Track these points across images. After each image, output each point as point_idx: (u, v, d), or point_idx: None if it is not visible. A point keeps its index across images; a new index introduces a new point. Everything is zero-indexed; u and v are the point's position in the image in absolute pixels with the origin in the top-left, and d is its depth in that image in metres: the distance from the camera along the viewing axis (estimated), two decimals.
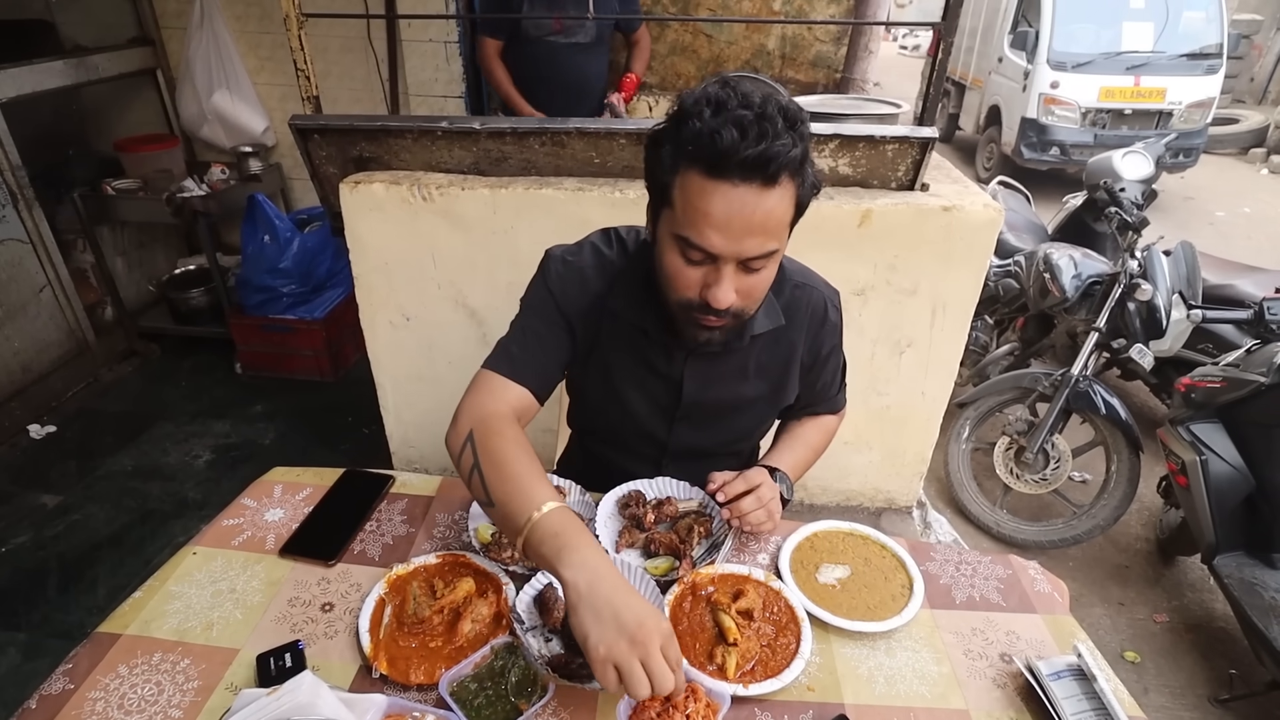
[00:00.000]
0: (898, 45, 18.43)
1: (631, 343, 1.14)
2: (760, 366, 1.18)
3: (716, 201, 0.87)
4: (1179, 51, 6.31)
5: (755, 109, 0.85)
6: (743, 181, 0.86)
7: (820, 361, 1.24)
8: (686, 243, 0.91)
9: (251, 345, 3.21)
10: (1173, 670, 2.11)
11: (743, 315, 1.00)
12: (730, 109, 0.85)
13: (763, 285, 0.97)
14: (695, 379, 1.16)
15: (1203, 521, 2.04)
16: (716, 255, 0.90)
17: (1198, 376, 2.18)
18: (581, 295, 1.12)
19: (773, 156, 0.84)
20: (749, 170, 0.85)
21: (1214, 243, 5.36)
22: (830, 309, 1.20)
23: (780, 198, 0.89)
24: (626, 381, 1.17)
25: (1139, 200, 2.63)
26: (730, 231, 0.88)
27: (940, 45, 1.83)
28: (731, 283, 0.92)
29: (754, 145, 0.84)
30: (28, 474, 2.64)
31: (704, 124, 0.85)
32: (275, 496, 1.23)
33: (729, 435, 1.26)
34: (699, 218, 0.89)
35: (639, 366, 1.16)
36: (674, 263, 0.95)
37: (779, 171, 0.86)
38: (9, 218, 2.77)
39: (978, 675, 0.96)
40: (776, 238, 0.92)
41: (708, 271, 0.93)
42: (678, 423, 1.21)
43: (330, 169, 2.03)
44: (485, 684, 0.89)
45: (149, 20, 3.41)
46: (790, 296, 1.16)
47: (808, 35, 3.61)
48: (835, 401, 1.35)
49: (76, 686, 0.88)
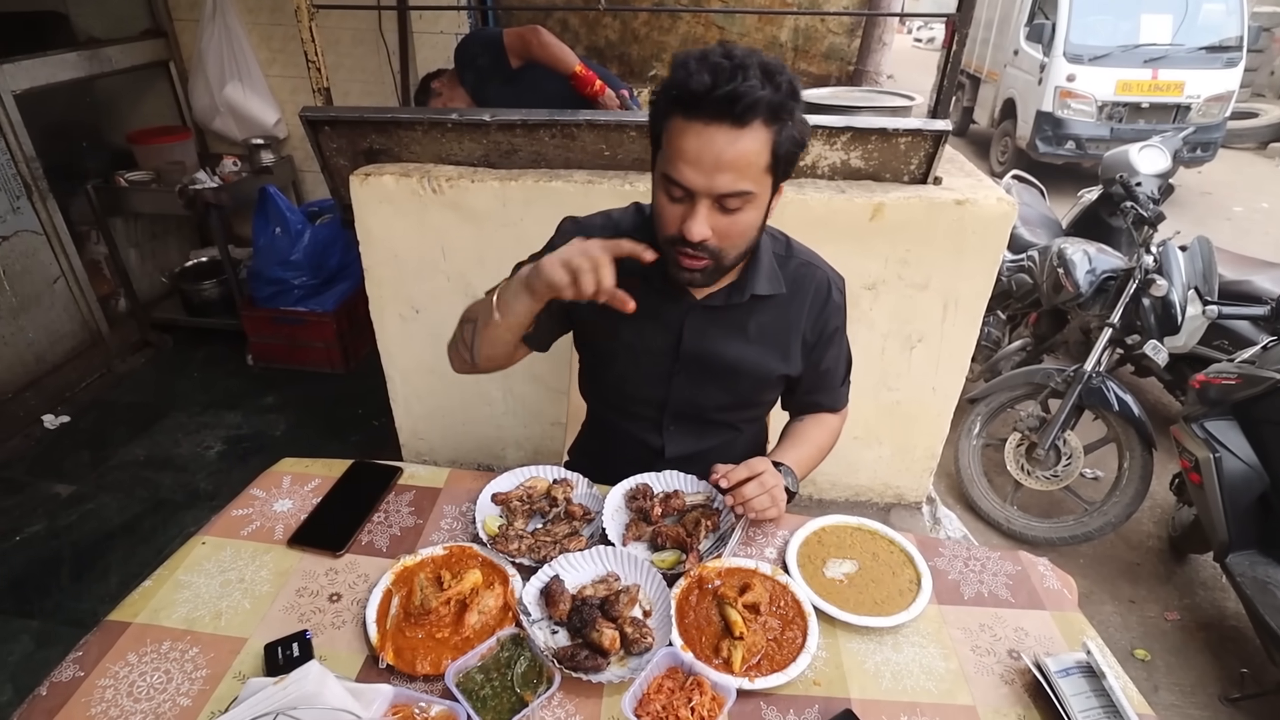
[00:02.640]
0: (912, 38, 18.27)
1: (639, 295, 1.14)
2: (760, 330, 1.21)
3: (690, 139, 0.95)
4: (1198, 44, 6.22)
5: (734, 59, 0.92)
6: (714, 120, 0.93)
7: (823, 341, 1.26)
8: (668, 180, 0.99)
9: (263, 337, 3.23)
10: (1183, 668, 2.09)
11: (720, 258, 1.04)
12: (711, 59, 0.93)
13: (740, 228, 1.02)
14: (695, 330, 1.19)
15: (1216, 519, 2.02)
16: (692, 190, 0.97)
17: (1213, 373, 2.16)
18: None
19: (741, 95, 0.90)
20: (719, 109, 0.92)
21: (1231, 238, 5.29)
22: (834, 290, 1.24)
23: (753, 140, 0.94)
24: (634, 333, 1.21)
25: (1155, 195, 2.60)
26: (701, 167, 0.95)
27: (954, 37, 1.81)
28: (705, 219, 0.98)
29: (724, 86, 0.90)
30: (42, 464, 2.67)
31: (683, 72, 0.93)
32: (284, 487, 1.23)
33: (728, 398, 1.27)
34: (676, 155, 0.96)
35: (645, 318, 1.17)
36: (660, 201, 1.03)
37: (747, 112, 0.92)
38: (23, 209, 2.80)
39: (985, 671, 0.95)
40: (749, 179, 0.96)
41: (686, 208, 1.00)
42: (677, 375, 1.23)
43: (341, 161, 2.03)
44: (491, 675, 0.89)
45: (162, 12, 3.42)
46: (795, 271, 1.21)
47: (820, 27, 3.58)
48: (837, 396, 1.35)
49: (86, 674, 0.89)
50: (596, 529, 1.13)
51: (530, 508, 1.17)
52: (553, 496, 1.19)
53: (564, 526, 1.13)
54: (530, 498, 1.19)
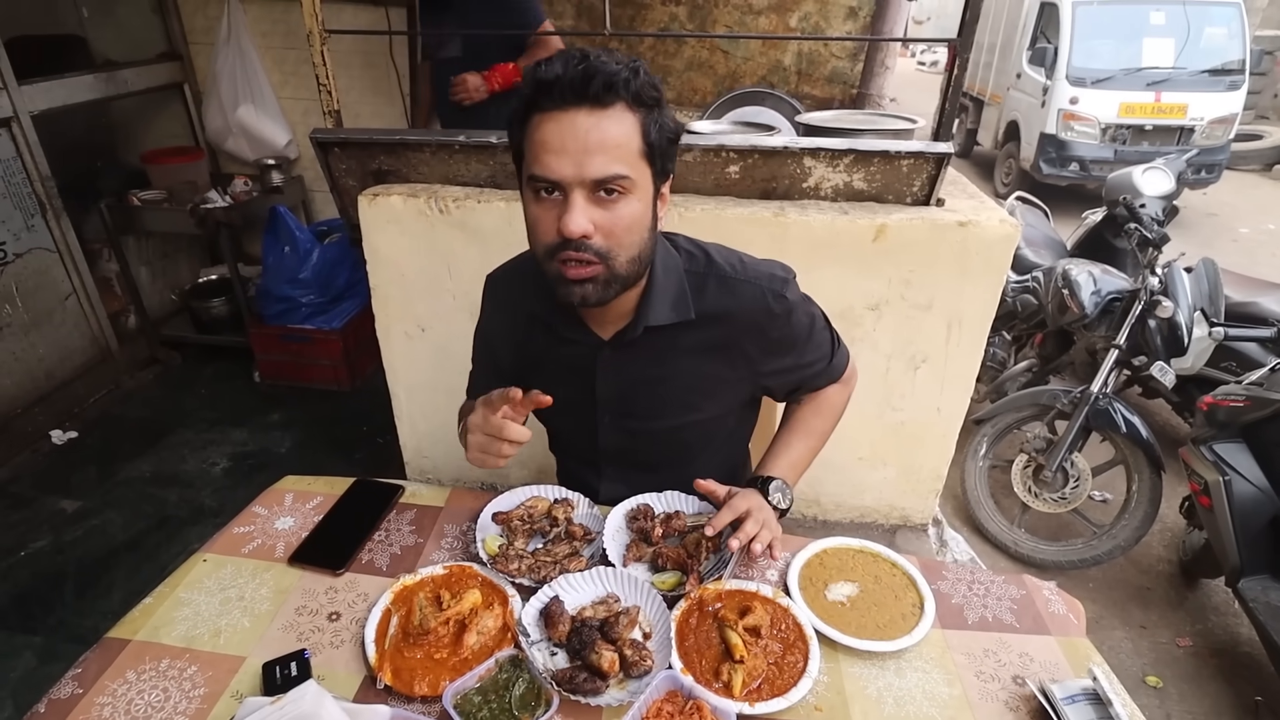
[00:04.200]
0: (915, 61, 18.44)
1: (548, 342, 1.16)
2: (680, 366, 1.13)
3: (550, 128, 0.89)
4: (1200, 67, 6.25)
5: (589, 51, 0.89)
6: (572, 104, 0.88)
7: (787, 354, 1.17)
8: (535, 180, 0.92)
9: (270, 354, 3.25)
10: (1196, 696, 2.06)
11: (611, 260, 0.94)
12: (562, 55, 0.90)
13: (625, 224, 0.93)
14: (608, 373, 1.14)
15: (1227, 543, 2.00)
16: (561, 182, 0.90)
17: (1220, 395, 2.14)
18: (496, 304, 1.24)
19: (595, 72, 0.87)
20: (575, 91, 0.88)
21: (1237, 259, 5.28)
22: (770, 298, 1.10)
23: (618, 121, 0.90)
24: (550, 381, 1.11)
25: (1159, 216, 2.60)
26: (566, 153, 0.89)
27: (956, 61, 1.83)
28: (583, 212, 0.91)
29: (576, 68, 0.87)
30: (49, 479, 2.68)
31: (535, 70, 0.90)
32: (286, 505, 1.23)
33: (665, 444, 1.22)
34: (539, 149, 0.91)
35: (558, 365, 1.17)
36: (533, 213, 0.96)
37: (604, 91, 0.88)
38: (37, 227, 2.84)
39: (989, 698, 0.94)
40: (623, 161, 0.90)
41: (560, 206, 0.92)
42: (601, 421, 1.20)
43: (350, 181, 2.05)
44: (489, 697, 0.89)
45: (177, 36, 3.49)
46: (715, 297, 1.09)
47: (824, 51, 3.62)
48: (832, 370, 1.26)
49: (85, 691, 0.89)
50: (597, 549, 1.13)
51: (531, 527, 1.17)
52: (554, 516, 1.18)
53: (564, 547, 1.13)
54: (531, 517, 1.18)
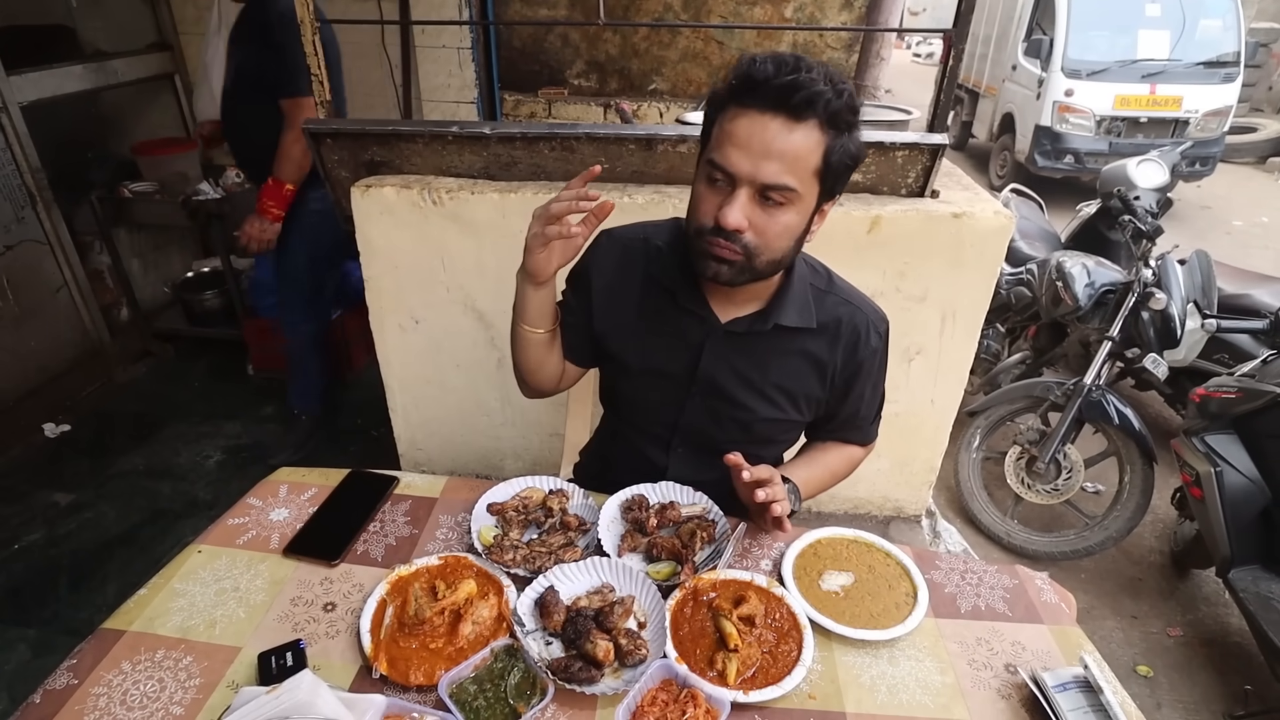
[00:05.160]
0: (911, 53, 18.39)
1: (663, 311, 1.18)
2: (783, 365, 1.18)
3: (742, 124, 0.95)
4: (1196, 60, 6.25)
5: (801, 60, 0.93)
6: (770, 109, 0.93)
7: (856, 383, 1.22)
8: (712, 165, 0.98)
9: (264, 347, 3.23)
10: (1186, 685, 2.08)
11: (753, 256, 1.00)
12: (779, 56, 0.94)
13: (778, 228, 0.99)
14: (714, 355, 1.17)
15: (1218, 534, 2.01)
16: (735, 175, 0.96)
17: (1213, 387, 2.15)
18: (611, 260, 1.21)
19: (801, 86, 0.91)
20: (777, 97, 0.92)
21: (1231, 252, 5.29)
22: (872, 332, 1.19)
23: (806, 136, 0.94)
24: (653, 347, 1.20)
25: (1154, 208, 2.61)
26: (749, 151, 0.94)
27: (951, 51, 1.82)
28: (743, 207, 0.97)
29: (786, 75, 0.91)
30: (42, 472, 2.67)
31: (750, 63, 0.95)
32: (280, 496, 1.23)
33: (742, 435, 1.23)
34: (725, 139, 0.96)
35: (666, 334, 1.18)
36: (699, 190, 1.02)
37: (804, 105, 0.92)
38: (28, 219, 2.82)
39: (982, 686, 0.95)
40: (796, 175, 0.95)
41: (725, 195, 0.98)
42: (691, 399, 1.21)
43: (342, 173, 2.04)
44: (485, 686, 0.89)
45: (167, 25, 3.46)
46: (832, 308, 1.17)
47: (819, 42, 3.61)
48: (867, 433, 1.33)
49: (80, 682, 0.89)
50: (592, 540, 1.13)
51: (526, 518, 1.17)
52: (548, 507, 1.19)
53: (559, 537, 1.13)
54: (526, 508, 1.19)
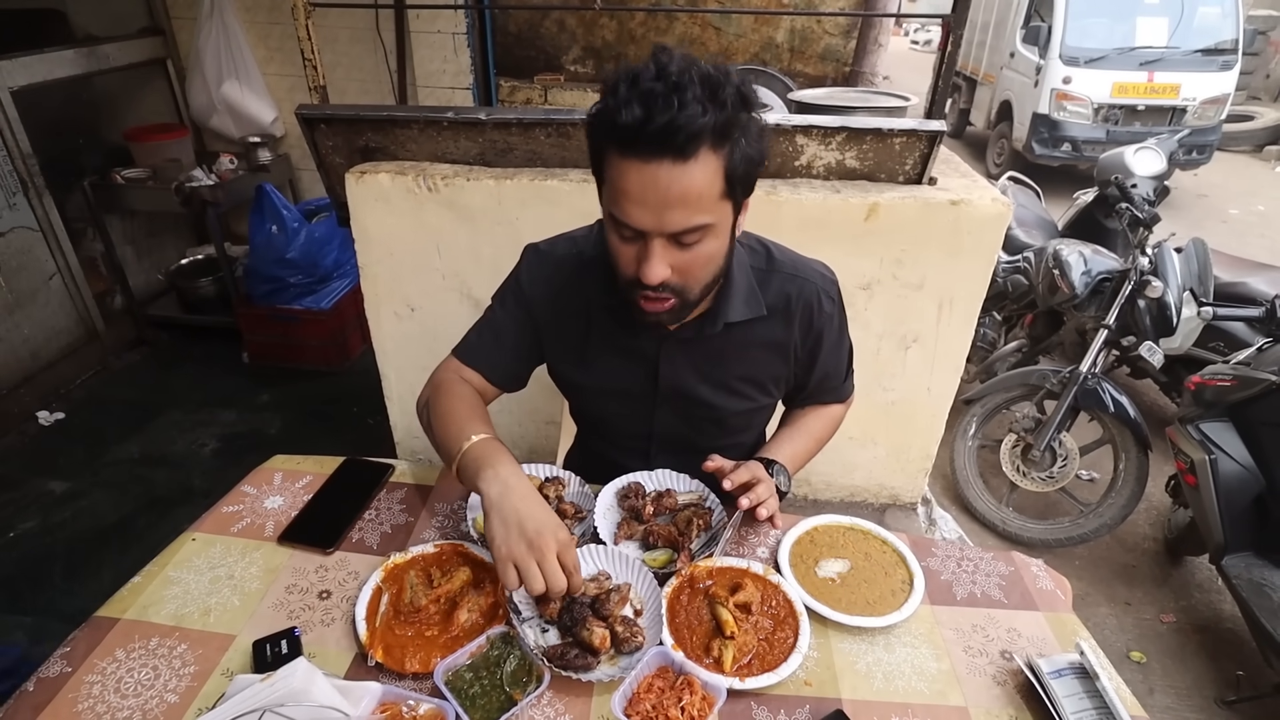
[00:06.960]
0: (909, 40, 18.30)
1: (609, 330, 1.15)
2: (742, 356, 1.15)
3: (631, 178, 0.85)
4: (1194, 47, 6.24)
5: (669, 79, 0.81)
6: (654, 157, 0.83)
7: (820, 352, 1.21)
8: (614, 220, 0.91)
9: (258, 335, 3.23)
10: (1179, 671, 2.09)
11: (685, 295, 0.96)
12: (642, 83, 0.82)
13: (702, 262, 0.93)
14: (671, 363, 1.15)
15: (1211, 521, 2.02)
16: (642, 231, 0.88)
17: (1208, 375, 2.16)
18: (550, 285, 1.15)
19: (680, 127, 0.80)
20: (657, 145, 0.82)
21: (1227, 240, 5.30)
22: (823, 299, 1.15)
23: (701, 171, 0.84)
24: (607, 368, 1.17)
25: (1150, 197, 2.60)
26: (647, 206, 0.86)
27: (949, 38, 1.81)
28: (661, 259, 0.90)
29: (660, 117, 0.80)
30: (36, 460, 2.66)
31: (614, 101, 0.83)
32: (275, 484, 1.23)
33: (716, 428, 1.24)
34: (619, 195, 0.88)
35: (617, 353, 1.16)
36: (613, 241, 0.95)
37: (689, 143, 0.82)
38: (19, 205, 2.79)
39: (977, 672, 0.95)
40: (704, 211, 0.88)
41: (640, 248, 0.91)
42: (659, 409, 1.20)
43: (336, 159, 2.02)
44: (480, 673, 0.89)
45: (159, 10, 3.42)
46: (778, 288, 1.13)
47: (816, 28, 3.58)
48: (841, 390, 1.32)
49: (74, 670, 0.89)
50: (588, 527, 1.13)
51: None
52: (544, 495, 1.18)
53: None
54: None
